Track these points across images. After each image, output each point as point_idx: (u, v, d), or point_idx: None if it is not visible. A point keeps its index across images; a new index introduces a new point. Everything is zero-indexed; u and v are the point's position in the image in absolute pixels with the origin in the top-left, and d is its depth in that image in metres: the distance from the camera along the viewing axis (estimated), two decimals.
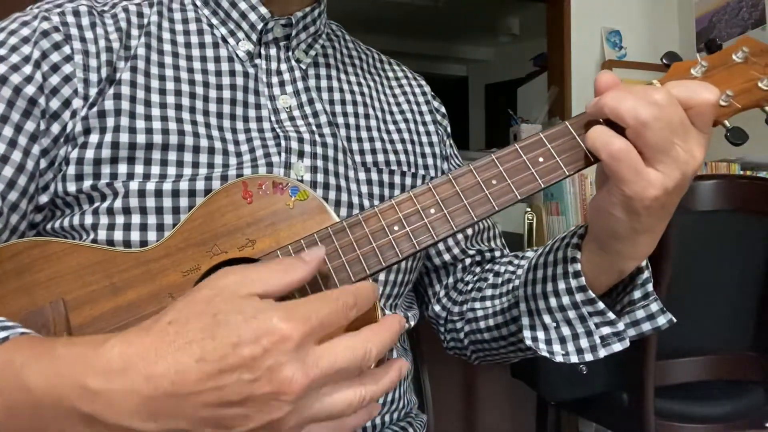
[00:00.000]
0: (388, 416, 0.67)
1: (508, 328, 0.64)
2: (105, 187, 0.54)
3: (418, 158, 0.71)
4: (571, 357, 0.55)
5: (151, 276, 0.48)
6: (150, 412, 0.36)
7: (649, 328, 0.55)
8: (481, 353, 0.70)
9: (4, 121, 0.52)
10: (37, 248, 0.50)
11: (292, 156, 0.59)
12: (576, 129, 0.48)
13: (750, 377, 1.27)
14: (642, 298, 0.55)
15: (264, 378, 0.35)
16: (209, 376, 0.35)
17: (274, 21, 0.63)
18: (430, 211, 0.47)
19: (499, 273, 0.69)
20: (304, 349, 0.37)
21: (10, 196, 0.52)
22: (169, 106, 0.57)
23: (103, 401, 0.36)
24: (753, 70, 0.49)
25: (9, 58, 0.53)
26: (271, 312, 0.37)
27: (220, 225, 0.48)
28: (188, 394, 0.35)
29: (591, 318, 0.54)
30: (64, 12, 0.57)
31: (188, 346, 0.36)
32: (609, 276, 0.53)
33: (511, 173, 0.47)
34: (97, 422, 0.36)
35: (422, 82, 0.79)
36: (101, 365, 0.36)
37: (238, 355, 0.35)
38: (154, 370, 0.35)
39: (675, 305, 1.17)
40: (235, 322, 0.36)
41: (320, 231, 0.47)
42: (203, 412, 0.36)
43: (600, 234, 0.51)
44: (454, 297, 0.74)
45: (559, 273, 0.55)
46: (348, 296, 0.40)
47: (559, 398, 1.30)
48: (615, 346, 0.54)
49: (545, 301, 0.56)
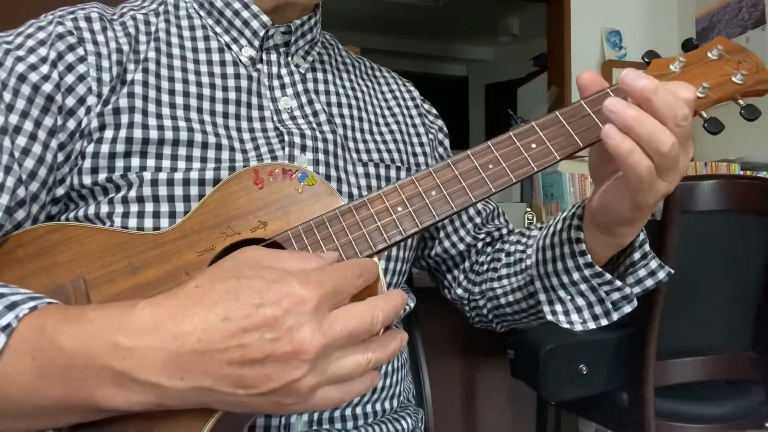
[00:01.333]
0: (387, 403, 0.69)
1: (527, 302, 0.70)
2: (119, 179, 0.57)
3: (410, 156, 0.75)
4: (589, 323, 0.61)
5: (168, 256, 0.50)
6: (177, 368, 0.38)
7: (651, 283, 0.61)
8: (506, 323, 0.77)
9: (24, 116, 0.55)
10: (58, 232, 0.52)
11: (295, 150, 0.63)
12: (566, 118, 0.52)
13: (750, 377, 1.27)
14: (641, 258, 0.61)
15: (285, 338, 0.38)
16: (233, 334, 0.38)
17: (275, 29, 0.67)
18: (431, 193, 0.51)
19: (509, 252, 0.74)
20: (321, 312, 0.40)
21: (32, 187, 0.55)
22: (179, 105, 0.61)
23: (134, 358, 0.38)
24: (727, 66, 0.54)
25: (27, 59, 0.57)
26: (291, 277, 0.40)
27: (233, 209, 0.51)
28: (213, 351, 0.38)
29: (601, 288, 0.60)
30: (76, 18, 0.61)
31: (214, 306, 0.38)
32: (612, 250, 0.59)
33: (506, 158, 0.51)
34: (127, 379, 0.38)
35: (411, 87, 0.84)
36: (132, 324, 0.39)
37: (261, 314, 0.38)
38: (182, 328, 0.38)
39: (675, 305, 1.18)
40: (258, 285, 0.39)
41: (328, 213, 0.50)
42: (227, 370, 0.38)
43: (604, 224, 0.56)
44: (473, 278, 0.80)
45: (566, 252, 0.60)
46: (355, 267, 0.44)
47: (559, 398, 1.30)
48: (626, 308, 0.60)
49: (557, 278, 0.62)
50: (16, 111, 0.54)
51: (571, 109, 0.52)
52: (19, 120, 0.54)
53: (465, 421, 1.83)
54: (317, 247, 0.49)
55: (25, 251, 0.52)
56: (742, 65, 0.54)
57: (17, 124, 0.54)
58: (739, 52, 0.55)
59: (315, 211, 0.50)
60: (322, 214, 0.50)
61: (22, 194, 0.54)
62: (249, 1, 0.66)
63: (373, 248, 0.49)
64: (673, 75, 0.54)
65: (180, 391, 0.38)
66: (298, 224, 0.50)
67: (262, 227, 0.51)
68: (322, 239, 0.49)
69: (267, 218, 0.51)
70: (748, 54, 0.55)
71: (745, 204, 1.18)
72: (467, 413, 1.83)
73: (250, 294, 0.39)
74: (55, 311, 0.42)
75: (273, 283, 0.39)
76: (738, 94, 0.53)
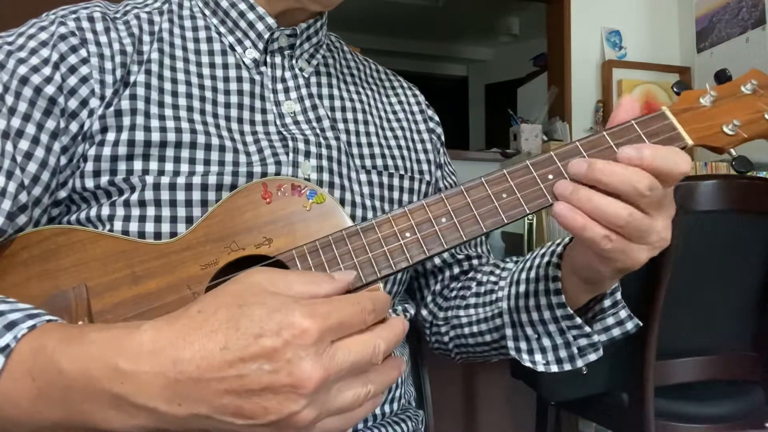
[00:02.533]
0: (387, 407, 0.69)
1: (491, 335, 0.68)
2: (122, 182, 0.56)
3: (414, 163, 0.74)
4: (552, 366, 0.61)
5: (171, 267, 0.50)
6: (175, 394, 0.37)
7: (618, 333, 0.60)
8: (465, 354, 0.74)
9: (27, 119, 0.54)
10: (63, 235, 0.52)
11: (299, 156, 0.62)
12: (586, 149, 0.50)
13: (750, 377, 1.27)
14: (611, 306, 0.60)
15: (284, 370, 0.37)
16: (231, 363, 0.37)
17: (280, 31, 0.66)
18: (441, 220, 0.49)
19: (481, 282, 0.72)
20: (322, 344, 0.38)
21: (34, 191, 0.54)
22: (182, 107, 0.60)
23: (132, 382, 0.38)
24: (761, 102, 0.51)
25: (29, 60, 0.56)
26: (294, 306, 0.38)
27: (239, 223, 0.50)
28: (211, 380, 0.37)
29: (569, 331, 0.59)
30: (79, 18, 0.60)
31: (214, 335, 0.38)
32: (588, 296, 0.58)
33: (521, 188, 0.49)
34: (125, 403, 0.38)
35: (416, 92, 0.83)
36: (133, 348, 0.38)
37: (260, 345, 0.37)
38: (182, 354, 0.37)
39: (675, 305, 1.18)
40: (259, 314, 0.38)
41: (335, 233, 0.49)
42: (224, 399, 0.37)
43: (586, 277, 0.55)
44: (439, 303, 0.77)
45: (541, 289, 0.59)
46: (367, 301, 0.41)
47: (559, 398, 1.30)
48: (590, 356, 0.60)
49: (527, 315, 0.61)
50: (18, 114, 0.54)
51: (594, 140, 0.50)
52: (21, 123, 0.54)
53: (465, 421, 1.83)
54: (322, 268, 0.48)
55: (30, 253, 0.51)
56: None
57: (20, 128, 0.53)
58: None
59: (322, 231, 0.49)
60: (328, 235, 0.49)
61: (24, 199, 0.53)
62: (255, 3, 0.65)
63: (378, 274, 0.48)
64: (703, 109, 0.51)
65: (178, 417, 0.38)
66: (303, 243, 0.49)
67: (267, 244, 0.50)
68: (327, 261, 0.48)
69: (273, 235, 0.50)
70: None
71: (745, 204, 1.18)
72: (467, 413, 1.83)
73: (250, 324, 0.37)
74: (55, 330, 0.42)
75: (275, 312, 0.38)
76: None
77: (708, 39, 2.63)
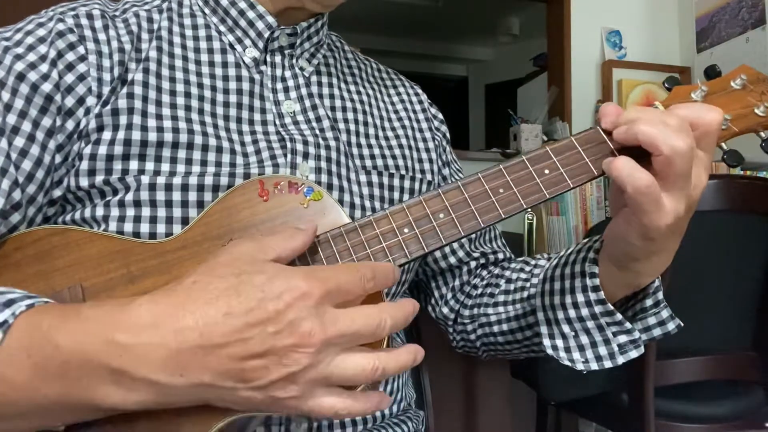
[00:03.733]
0: (387, 408, 0.68)
1: (522, 333, 0.67)
2: (117, 182, 0.56)
3: (416, 163, 0.73)
4: (591, 364, 0.58)
5: (168, 266, 0.50)
6: (177, 364, 0.38)
7: (659, 333, 0.58)
8: (492, 352, 0.74)
9: (23, 116, 0.54)
10: (58, 235, 0.51)
11: (298, 157, 0.61)
12: (581, 144, 0.50)
13: (750, 377, 1.27)
14: (653, 305, 0.58)
15: (286, 330, 0.38)
16: (236, 328, 0.37)
17: (280, 30, 0.65)
18: (438, 216, 0.49)
19: (511, 279, 0.70)
20: (323, 307, 0.39)
21: (29, 189, 0.54)
22: (179, 107, 0.59)
23: (132, 355, 0.38)
24: (750, 96, 0.52)
25: (26, 57, 0.55)
26: (293, 272, 0.40)
27: (236, 221, 0.50)
28: (215, 346, 0.37)
29: (609, 327, 0.57)
30: (78, 15, 0.59)
31: (215, 301, 0.38)
32: (626, 290, 0.56)
33: (518, 183, 0.49)
34: (124, 377, 0.38)
35: (419, 91, 0.82)
36: (130, 321, 0.39)
37: (263, 309, 0.38)
38: (183, 323, 0.38)
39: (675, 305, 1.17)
40: (259, 280, 0.39)
41: (332, 230, 0.49)
42: (228, 364, 0.38)
43: (618, 256, 0.53)
44: (461, 299, 0.76)
45: (577, 286, 0.57)
46: (367, 270, 0.42)
47: (559, 398, 1.30)
48: (632, 353, 0.57)
49: (564, 312, 0.59)
50: (14, 111, 0.53)
51: (587, 135, 0.50)
52: (17, 120, 0.53)
53: (465, 421, 1.83)
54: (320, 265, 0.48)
55: (23, 254, 0.51)
56: (766, 96, 0.52)
57: (15, 125, 0.53)
58: (763, 82, 0.53)
59: (319, 228, 0.49)
60: (326, 232, 0.49)
61: (18, 197, 0.53)
62: (255, 1, 0.64)
63: None
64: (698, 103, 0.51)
65: (179, 388, 0.38)
66: None
67: None
68: (325, 258, 0.48)
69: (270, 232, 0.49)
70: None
71: (745, 204, 1.18)
72: (467, 413, 1.83)
73: (251, 289, 0.38)
74: (52, 309, 0.42)
75: (275, 277, 0.39)
76: (761, 127, 0.52)
77: (708, 39, 2.63)
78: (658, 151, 0.45)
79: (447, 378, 1.78)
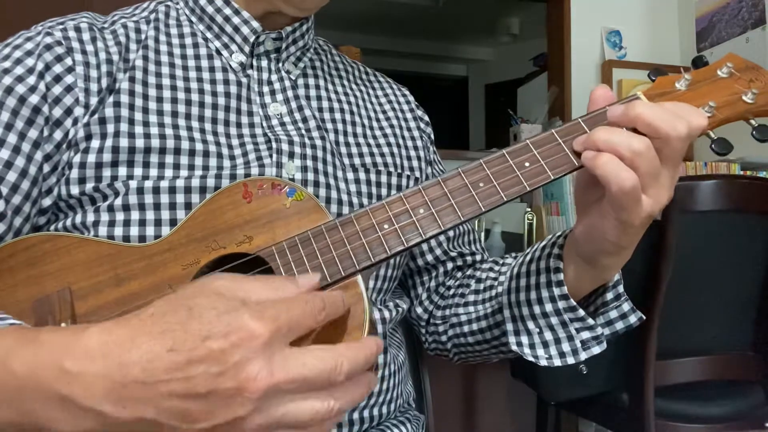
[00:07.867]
0: (385, 408, 0.68)
1: (491, 332, 0.67)
2: (106, 188, 0.57)
3: (404, 160, 0.74)
4: (555, 360, 0.59)
5: (154, 268, 0.51)
6: (120, 397, 0.37)
7: (622, 326, 0.59)
8: (463, 354, 0.73)
9: (8, 128, 0.55)
10: (49, 242, 0.53)
11: (283, 156, 0.62)
12: (561, 136, 0.50)
13: (750, 377, 1.27)
14: (614, 299, 0.59)
15: (230, 372, 0.36)
16: (178, 365, 0.36)
17: (266, 35, 0.66)
18: (419, 211, 0.49)
19: (480, 279, 0.71)
20: (272, 348, 0.37)
21: (14, 200, 0.55)
22: (166, 113, 0.60)
23: (79, 383, 0.37)
24: (737, 84, 0.51)
25: (14, 70, 0.57)
26: (243, 309, 0.38)
27: (220, 222, 0.51)
28: (157, 382, 0.36)
29: (572, 324, 0.58)
30: (66, 28, 0.60)
31: (162, 336, 0.37)
32: (591, 285, 0.57)
33: (498, 176, 0.49)
34: (72, 405, 0.38)
35: (406, 92, 0.83)
36: (80, 350, 0.38)
37: (207, 347, 0.36)
38: (128, 357, 0.37)
39: (675, 305, 1.18)
40: (208, 316, 0.37)
41: (313, 228, 0.50)
42: (170, 402, 0.36)
43: (589, 252, 0.54)
44: (435, 300, 0.76)
45: (542, 282, 0.58)
46: (317, 300, 0.41)
47: (559, 398, 1.30)
48: (594, 349, 0.58)
49: (529, 308, 0.59)
50: (0, 124, 0.54)
51: (568, 127, 0.50)
52: (2, 133, 0.54)
53: (465, 422, 1.83)
54: (301, 263, 0.48)
55: (16, 260, 0.52)
56: (754, 84, 0.51)
57: (0, 137, 0.54)
58: (751, 70, 0.52)
59: (302, 227, 0.50)
60: (307, 230, 0.49)
61: (2, 208, 0.54)
62: (240, 8, 0.65)
63: (357, 266, 0.48)
64: (677, 93, 0.51)
65: (124, 420, 0.37)
66: (283, 240, 0.50)
67: (247, 242, 0.50)
68: (306, 255, 0.48)
69: (253, 233, 0.51)
70: (760, 72, 0.52)
71: (745, 204, 1.18)
72: (467, 413, 1.83)
73: (198, 326, 0.37)
74: (13, 333, 0.42)
75: (224, 314, 0.37)
76: (750, 114, 0.51)
77: (708, 39, 2.63)
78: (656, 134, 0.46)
79: (447, 378, 1.78)
